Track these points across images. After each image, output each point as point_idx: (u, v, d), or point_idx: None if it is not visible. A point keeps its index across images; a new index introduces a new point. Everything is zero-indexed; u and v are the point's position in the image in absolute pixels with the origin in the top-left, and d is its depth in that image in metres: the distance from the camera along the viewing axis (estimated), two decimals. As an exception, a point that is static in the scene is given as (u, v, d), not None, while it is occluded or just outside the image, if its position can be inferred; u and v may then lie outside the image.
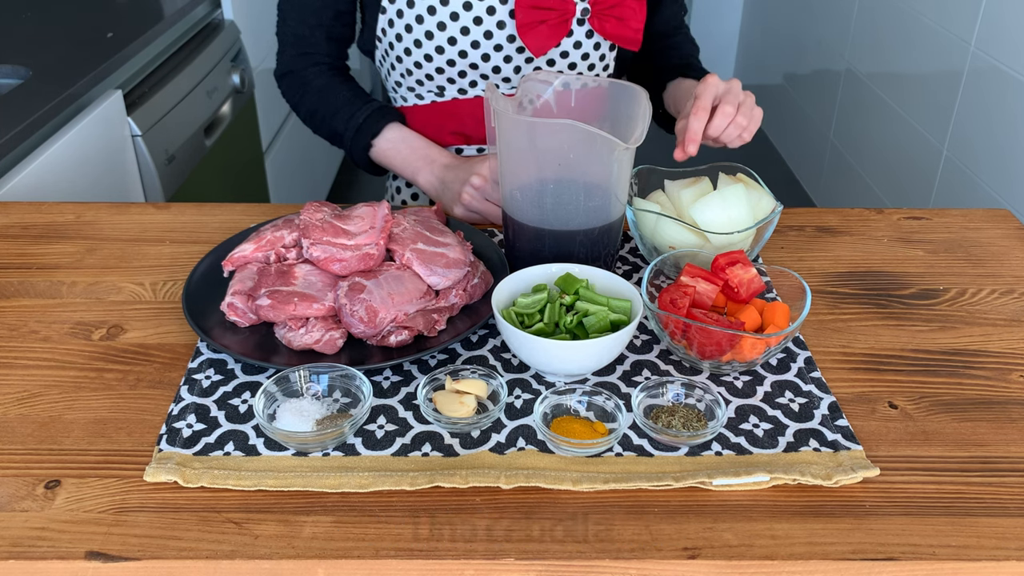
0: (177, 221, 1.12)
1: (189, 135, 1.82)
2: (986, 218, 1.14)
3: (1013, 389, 0.84)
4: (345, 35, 1.24)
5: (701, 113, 1.00)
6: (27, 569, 0.65)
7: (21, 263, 1.03)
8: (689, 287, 0.86)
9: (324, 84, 1.22)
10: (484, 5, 1.12)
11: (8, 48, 1.63)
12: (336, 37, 1.23)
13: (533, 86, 0.99)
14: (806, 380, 0.83)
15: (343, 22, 1.22)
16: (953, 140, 2.18)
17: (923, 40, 2.34)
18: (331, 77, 1.23)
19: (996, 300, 0.97)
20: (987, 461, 0.75)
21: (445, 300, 0.90)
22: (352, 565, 0.65)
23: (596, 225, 0.93)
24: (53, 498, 0.70)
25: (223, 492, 0.71)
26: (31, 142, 1.35)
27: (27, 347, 0.88)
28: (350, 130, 1.20)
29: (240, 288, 0.88)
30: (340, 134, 1.21)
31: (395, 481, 0.71)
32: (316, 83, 1.22)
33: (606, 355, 0.81)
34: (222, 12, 2.14)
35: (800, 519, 0.69)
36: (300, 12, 1.21)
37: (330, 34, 1.22)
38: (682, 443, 0.75)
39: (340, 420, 0.76)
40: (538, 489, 0.71)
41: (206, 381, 0.82)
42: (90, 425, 0.78)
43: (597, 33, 1.16)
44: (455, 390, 0.79)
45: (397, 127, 1.20)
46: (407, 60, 1.18)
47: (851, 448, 0.75)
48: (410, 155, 1.19)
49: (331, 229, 0.92)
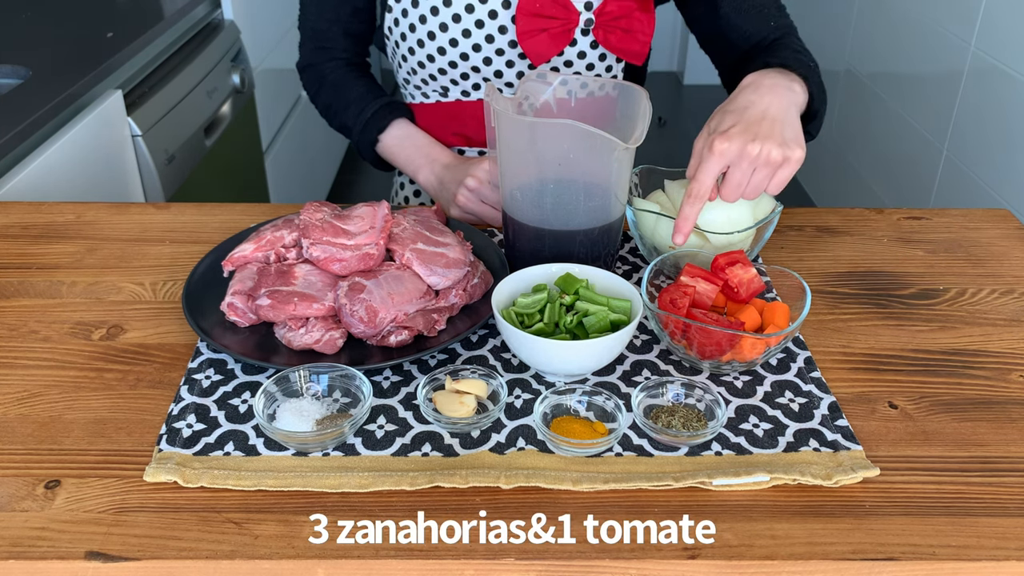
0: (177, 221, 1.12)
1: (189, 135, 1.82)
2: (986, 218, 1.14)
3: (1013, 389, 0.83)
4: (362, 31, 1.24)
5: (695, 201, 0.89)
6: (27, 569, 0.65)
7: (21, 263, 1.03)
8: (689, 287, 0.86)
9: (339, 79, 1.24)
10: (486, 8, 1.12)
11: (8, 48, 1.63)
12: (354, 33, 1.24)
13: (533, 86, 0.99)
14: (806, 380, 0.83)
15: (360, 19, 1.22)
16: (953, 140, 2.18)
17: (923, 40, 2.34)
18: (347, 72, 1.24)
19: (996, 300, 0.97)
20: (987, 461, 0.75)
21: (445, 300, 0.90)
22: (352, 565, 0.65)
23: (596, 225, 0.93)
24: (53, 498, 0.70)
25: (223, 492, 0.71)
26: (31, 142, 1.35)
27: (27, 347, 0.88)
28: (358, 124, 1.21)
29: (240, 288, 0.88)
30: (349, 128, 1.23)
31: (395, 481, 0.71)
32: (332, 77, 1.24)
33: (606, 355, 0.81)
34: (222, 12, 2.14)
35: (800, 519, 0.69)
36: (319, 7, 1.22)
37: (347, 30, 1.23)
38: (682, 443, 0.75)
39: (340, 420, 0.76)
40: (538, 489, 0.71)
41: (206, 381, 0.82)
42: (90, 425, 0.78)
43: (601, 45, 1.14)
44: (455, 390, 0.79)
45: (403, 123, 1.20)
46: (411, 59, 1.18)
47: (851, 448, 0.75)
48: (413, 152, 1.19)
49: (331, 229, 0.92)
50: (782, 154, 0.87)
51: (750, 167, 0.88)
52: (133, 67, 1.69)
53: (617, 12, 1.12)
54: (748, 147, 0.87)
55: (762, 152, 0.87)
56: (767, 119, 0.90)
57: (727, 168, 0.89)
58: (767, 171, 0.88)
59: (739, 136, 0.87)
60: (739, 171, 0.88)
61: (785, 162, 0.88)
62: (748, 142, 0.87)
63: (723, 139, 0.87)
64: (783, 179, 0.89)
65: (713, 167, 0.88)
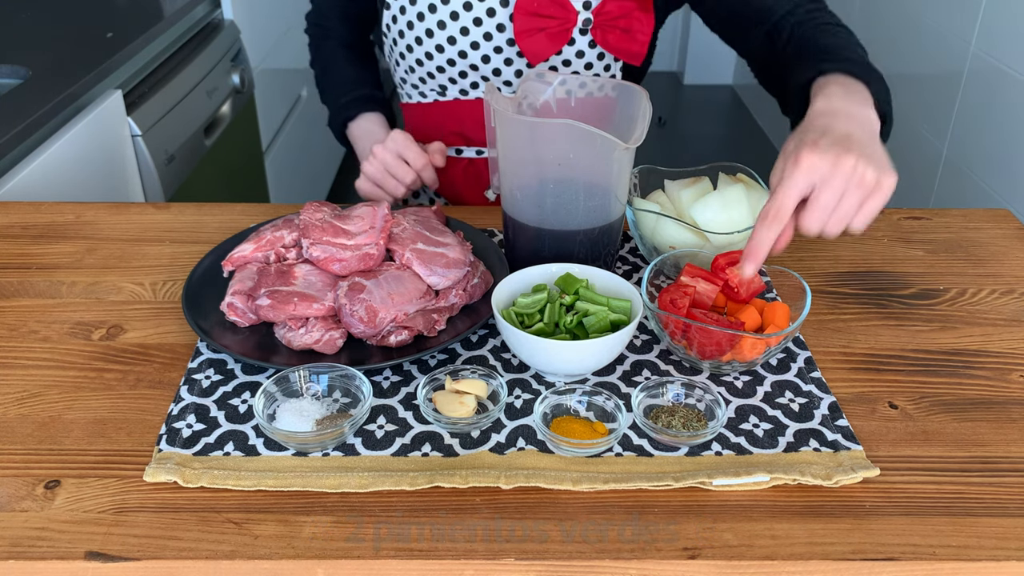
0: (177, 221, 1.12)
1: (189, 135, 1.82)
2: (986, 218, 1.14)
3: (1013, 389, 0.84)
4: (361, 15, 1.26)
5: (771, 223, 0.75)
6: (27, 569, 0.65)
7: (21, 263, 1.03)
8: (689, 287, 0.86)
9: (329, 58, 1.28)
10: (484, 6, 1.12)
11: (7, 48, 1.63)
12: (351, 16, 1.27)
13: (533, 86, 0.99)
14: (806, 380, 0.83)
15: (359, 4, 1.25)
16: (953, 140, 2.18)
17: (923, 40, 2.34)
18: (338, 53, 1.28)
19: (996, 300, 0.97)
20: (987, 461, 0.75)
21: (445, 300, 0.90)
22: (352, 565, 0.65)
23: (596, 225, 0.93)
24: (53, 498, 0.70)
25: (223, 492, 0.71)
26: (31, 142, 1.35)
27: (27, 347, 0.88)
28: (333, 109, 1.26)
29: (240, 288, 0.88)
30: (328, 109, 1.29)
31: (395, 481, 0.71)
32: (323, 55, 1.30)
33: (606, 355, 0.81)
34: (222, 12, 2.14)
35: (800, 519, 0.69)
36: None
37: (345, 12, 1.26)
38: (682, 443, 0.75)
39: (340, 420, 0.76)
40: (538, 489, 0.71)
41: (206, 381, 0.82)
42: (90, 425, 0.78)
43: (599, 45, 1.14)
44: (455, 390, 0.79)
45: (369, 117, 1.23)
46: (409, 57, 1.18)
47: (851, 448, 0.75)
48: (366, 144, 1.21)
49: (331, 229, 0.92)
50: (876, 177, 0.74)
51: (842, 186, 0.73)
52: (133, 67, 1.69)
53: (616, 12, 1.11)
54: (843, 160, 0.73)
55: (857, 169, 0.73)
56: (854, 139, 0.77)
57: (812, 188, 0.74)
58: (858, 195, 0.74)
59: (832, 148, 0.74)
60: (829, 190, 0.73)
61: (877, 188, 0.74)
62: (842, 154, 0.73)
63: (812, 150, 0.73)
64: (872, 210, 0.75)
65: (800, 182, 0.74)
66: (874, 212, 0.74)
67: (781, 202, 0.74)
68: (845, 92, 0.85)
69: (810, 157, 0.73)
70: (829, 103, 0.83)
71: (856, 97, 0.85)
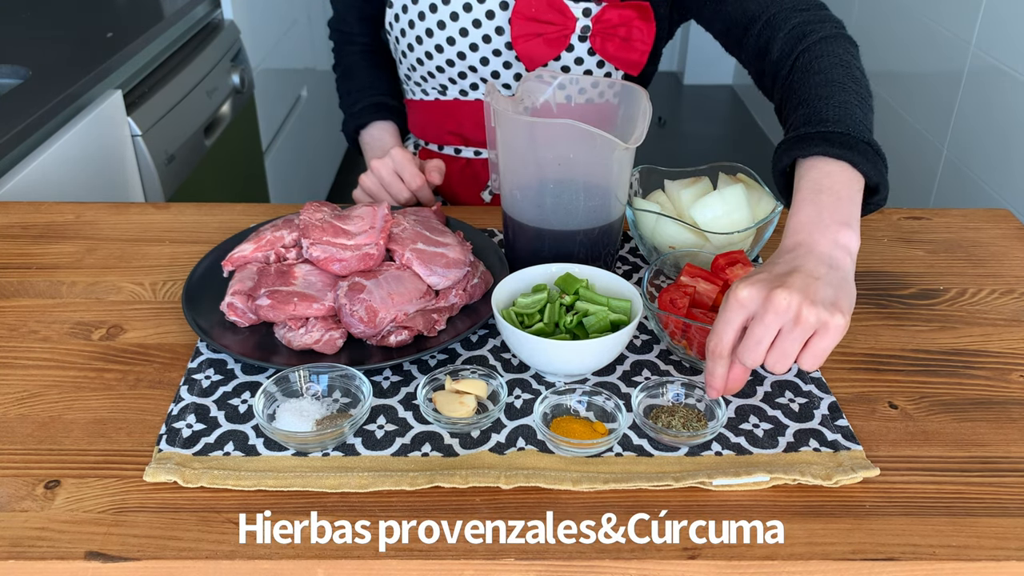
0: (177, 221, 1.12)
1: (189, 135, 1.82)
2: (986, 218, 1.14)
3: (1013, 389, 0.83)
4: (376, 16, 1.27)
5: (715, 359, 0.73)
6: (27, 569, 0.65)
7: (21, 263, 1.03)
8: (689, 287, 0.86)
9: (349, 64, 1.31)
10: (484, 9, 1.12)
11: (7, 48, 1.63)
12: (368, 17, 1.28)
13: (533, 87, 0.99)
14: (806, 380, 0.83)
15: (374, 5, 1.25)
16: (953, 140, 2.18)
17: (923, 40, 2.34)
18: (358, 59, 1.30)
19: (996, 300, 0.97)
20: (987, 461, 0.75)
21: (445, 300, 0.90)
22: (352, 565, 0.65)
23: (596, 225, 0.93)
24: (53, 498, 0.70)
25: (223, 492, 0.71)
26: (31, 142, 1.35)
27: (27, 347, 0.88)
28: (347, 115, 1.28)
29: (240, 288, 0.88)
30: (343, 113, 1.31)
31: (395, 481, 0.71)
32: (345, 61, 1.32)
33: (606, 355, 0.81)
34: (222, 12, 2.14)
35: (800, 519, 0.69)
36: None
37: (362, 14, 1.28)
38: (682, 443, 0.75)
39: (340, 420, 0.76)
40: (538, 489, 0.71)
41: (206, 381, 0.82)
42: (90, 425, 0.78)
43: (598, 53, 1.13)
44: (455, 390, 0.79)
45: (380, 125, 1.25)
46: (410, 55, 1.19)
47: (851, 448, 0.75)
48: (375, 150, 1.24)
49: (331, 229, 0.92)
50: (818, 317, 0.68)
51: (775, 321, 0.69)
52: (133, 67, 1.69)
53: (616, 20, 1.11)
54: (775, 295, 0.69)
55: (791, 306, 0.68)
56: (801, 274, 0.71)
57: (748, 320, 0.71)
58: (798, 333, 0.69)
59: (768, 283, 0.70)
60: (761, 325, 0.69)
61: (823, 328, 0.69)
62: (777, 289, 0.69)
63: (747, 284, 0.71)
64: (820, 351, 0.70)
65: (731, 317, 0.71)
66: (823, 353, 0.70)
67: (719, 336, 0.72)
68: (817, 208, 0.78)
69: (742, 291, 0.71)
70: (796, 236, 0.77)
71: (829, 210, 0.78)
